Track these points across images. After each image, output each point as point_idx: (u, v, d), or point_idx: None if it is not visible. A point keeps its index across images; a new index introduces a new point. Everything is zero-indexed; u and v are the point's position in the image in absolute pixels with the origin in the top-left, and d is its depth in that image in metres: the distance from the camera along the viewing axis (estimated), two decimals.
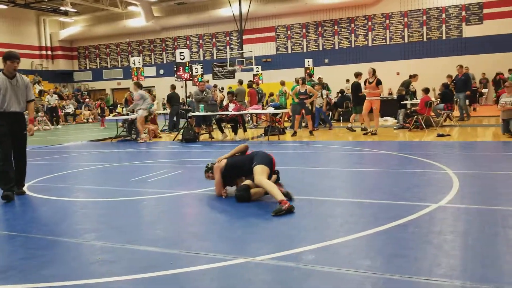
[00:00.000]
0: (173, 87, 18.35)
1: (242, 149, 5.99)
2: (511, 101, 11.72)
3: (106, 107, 24.82)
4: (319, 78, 17.70)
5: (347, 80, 26.37)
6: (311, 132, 14.17)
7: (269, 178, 5.61)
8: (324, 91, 16.74)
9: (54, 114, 25.03)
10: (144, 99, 14.18)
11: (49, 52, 37.63)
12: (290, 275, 3.35)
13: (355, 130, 14.43)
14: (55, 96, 25.61)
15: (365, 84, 13.56)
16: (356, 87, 14.50)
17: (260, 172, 5.50)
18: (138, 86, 14.61)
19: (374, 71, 13.33)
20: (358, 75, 14.59)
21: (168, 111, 19.11)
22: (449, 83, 16.34)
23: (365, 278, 3.24)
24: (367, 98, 13.46)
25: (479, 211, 4.86)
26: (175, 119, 18.11)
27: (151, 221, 5.07)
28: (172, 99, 18.05)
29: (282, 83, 19.24)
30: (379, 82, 13.12)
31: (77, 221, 5.23)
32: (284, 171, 7.10)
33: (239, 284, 3.25)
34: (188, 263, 3.69)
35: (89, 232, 4.68)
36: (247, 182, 5.66)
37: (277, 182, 6.26)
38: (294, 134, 14.19)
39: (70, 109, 28.51)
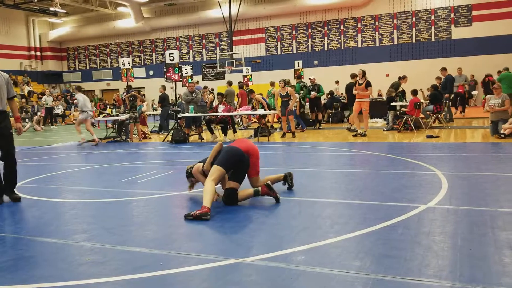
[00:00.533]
0: (164, 87, 18.24)
1: (218, 149, 5.87)
2: (499, 103, 11.83)
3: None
4: (310, 79, 17.68)
5: (337, 82, 26.47)
6: (293, 134, 14.11)
7: (235, 176, 5.58)
8: (297, 94, 16.67)
9: (48, 115, 25.00)
10: (84, 102, 14.21)
11: (38, 53, 37.41)
12: (280, 276, 3.36)
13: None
14: (51, 97, 25.64)
15: (354, 85, 13.62)
16: (351, 88, 14.59)
17: (210, 173, 5.47)
18: (78, 89, 14.73)
19: (364, 72, 13.37)
20: (354, 76, 14.68)
21: (158, 112, 19.04)
22: (438, 84, 16.47)
23: (355, 278, 3.25)
24: (356, 100, 13.50)
25: (468, 212, 4.89)
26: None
27: (141, 222, 5.05)
28: (165, 100, 17.94)
29: (272, 84, 19.17)
30: (368, 84, 13.18)
31: (67, 222, 5.20)
32: (274, 172, 7.10)
33: (229, 285, 3.25)
34: (178, 264, 3.68)
35: (79, 233, 4.66)
36: (232, 185, 5.60)
37: (273, 183, 6.14)
38: (284, 135, 14.20)
39: (60, 110, 28.33)
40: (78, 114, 14.70)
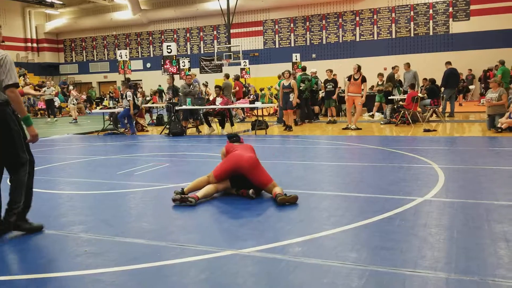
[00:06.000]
0: (172, 78, 17.33)
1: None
2: (496, 97, 11.84)
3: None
4: (312, 72, 17.58)
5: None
6: (290, 127, 13.99)
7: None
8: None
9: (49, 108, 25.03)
10: None
11: (35, 45, 37.23)
12: (277, 267, 3.37)
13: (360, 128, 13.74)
14: (52, 88, 25.58)
15: (349, 80, 13.59)
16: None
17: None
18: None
19: (359, 67, 13.39)
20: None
21: (157, 104, 18.90)
22: (379, 82, 16.85)
23: (351, 270, 3.27)
24: (349, 94, 13.49)
25: (464, 204, 4.92)
26: (162, 112, 17.95)
27: (138, 214, 5.06)
28: (175, 90, 17.36)
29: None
30: (364, 80, 13.23)
31: (64, 213, 5.20)
32: (271, 165, 7.13)
33: (226, 276, 3.27)
34: (175, 255, 3.69)
35: (76, 225, 4.67)
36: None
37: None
38: (290, 129, 13.99)
39: (56, 102, 28.24)
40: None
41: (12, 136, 4.28)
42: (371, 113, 17.65)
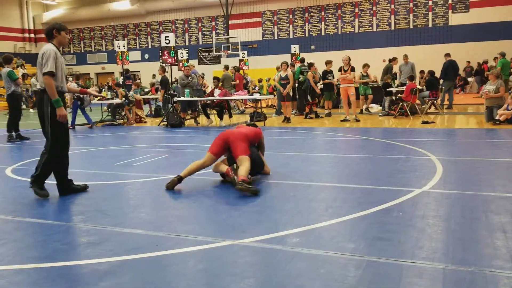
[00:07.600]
0: (163, 69, 16.79)
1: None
2: (494, 89, 11.84)
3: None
4: (309, 63, 17.51)
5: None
6: (288, 119, 14.01)
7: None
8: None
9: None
10: None
11: (32, 35, 37.06)
12: (275, 258, 3.38)
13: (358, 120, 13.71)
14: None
15: (340, 71, 13.67)
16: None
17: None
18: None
19: (349, 59, 13.45)
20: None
21: (156, 96, 18.79)
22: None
23: (349, 260, 3.28)
24: (341, 86, 13.56)
25: (462, 196, 4.93)
26: (160, 104, 17.85)
27: (137, 205, 5.06)
28: (164, 83, 17.17)
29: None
30: (353, 69, 13.35)
31: (63, 203, 5.20)
32: (269, 156, 7.13)
33: (224, 266, 3.28)
34: (173, 245, 3.70)
35: (75, 215, 4.68)
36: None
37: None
38: (287, 120, 13.95)
39: None
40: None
41: (43, 116, 5.35)
42: (365, 107, 17.15)
